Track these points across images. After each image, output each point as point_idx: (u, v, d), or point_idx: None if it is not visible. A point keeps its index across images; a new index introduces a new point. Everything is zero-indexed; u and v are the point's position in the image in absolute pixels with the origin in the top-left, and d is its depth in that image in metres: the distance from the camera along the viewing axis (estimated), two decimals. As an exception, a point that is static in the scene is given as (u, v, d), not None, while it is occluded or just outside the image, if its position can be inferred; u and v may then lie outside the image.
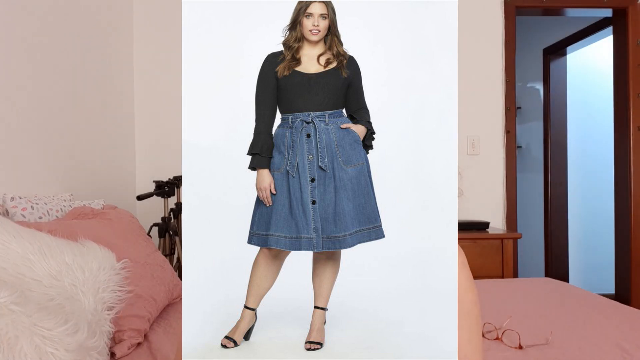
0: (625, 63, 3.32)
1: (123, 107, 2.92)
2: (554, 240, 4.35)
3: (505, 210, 3.26)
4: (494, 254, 2.82)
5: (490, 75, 3.26)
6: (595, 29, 3.84)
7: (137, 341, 1.41)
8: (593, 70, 4.56)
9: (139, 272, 1.58)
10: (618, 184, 3.45)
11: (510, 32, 3.24)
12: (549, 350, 1.38)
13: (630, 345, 1.41)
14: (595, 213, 4.57)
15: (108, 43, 2.73)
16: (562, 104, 4.39)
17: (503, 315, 1.66)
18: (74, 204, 1.96)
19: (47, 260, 1.26)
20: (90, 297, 1.27)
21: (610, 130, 3.67)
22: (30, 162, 1.98)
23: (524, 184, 4.51)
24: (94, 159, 2.52)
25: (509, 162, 3.26)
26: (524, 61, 4.35)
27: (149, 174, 3.00)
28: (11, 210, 1.67)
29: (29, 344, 1.00)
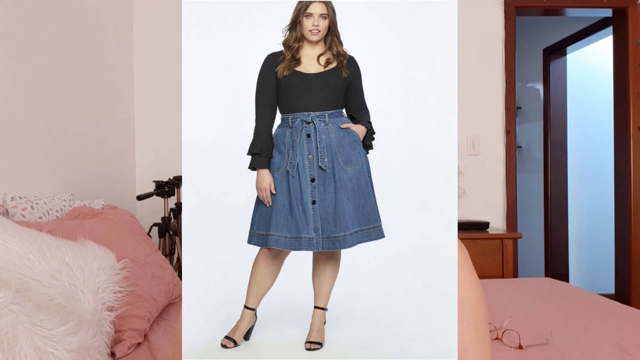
0: (625, 63, 3.32)
1: (123, 107, 2.92)
2: (554, 240, 4.35)
3: (505, 210, 3.26)
4: (494, 254, 2.82)
5: (490, 75, 3.26)
6: (595, 29, 3.84)
7: (137, 341, 1.41)
8: (593, 70, 4.56)
9: (139, 272, 1.58)
10: (618, 184, 3.45)
11: (510, 32, 3.24)
12: (549, 350, 1.38)
13: (630, 345, 1.41)
14: (595, 213, 4.57)
15: (108, 43, 2.73)
16: (562, 104, 4.39)
17: (503, 315, 1.66)
18: (74, 204, 1.96)
19: (47, 260, 1.26)
20: (90, 297, 1.27)
21: (610, 130, 3.67)
22: (30, 162, 1.98)
23: (524, 184, 4.51)
24: (94, 159, 2.52)
25: (509, 162, 3.26)
26: (524, 61, 4.35)
27: (149, 174, 3.00)
28: (11, 210, 1.67)
29: (29, 344, 1.00)
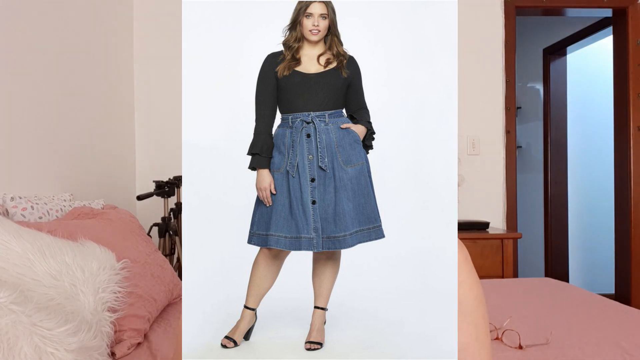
0: (625, 63, 3.32)
1: (123, 107, 2.92)
2: (554, 240, 4.35)
3: (505, 210, 3.26)
4: (494, 254, 2.82)
5: (490, 75, 3.26)
6: (595, 29, 3.84)
7: (137, 341, 1.41)
8: (593, 70, 4.55)
9: (139, 272, 1.58)
10: (618, 184, 3.45)
11: (510, 32, 3.24)
12: (549, 350, 1.38)
13: (630, 345, 1.41)
14: (595, 213, 4.57)
15: (108, 43, 2.73)
16: (562, 104, 4.39)
17: (503, 315, 1.66)
18: (74, 204, 1.96)
19: (47, 260, 1.26)
20: (90, 297, 1.27)
21: (610, 130, 3.67)
22: (30, 162, 1.98)
23: (524, 184, 4.51)
24: (94, 159, 2.52)
25: (509, 162, 3.26)
26: (524, 61, 4.35)
27: (149, 174, 3.00)
28: (11, 210, 1.67)
29: (29, 344, 1.00)
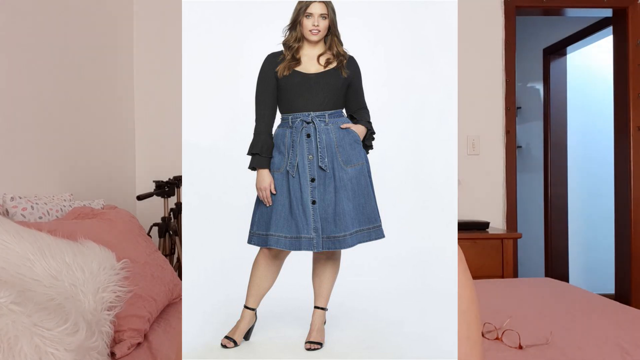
0: (625, 63, 3.32)
1: (123, 107, 2.92)
2: (554, 240, 4.35)
3: (505, 210, 3.26)
4: (494, 254, 2.82)
5: (490, 75, 3.26)
6: (595, 29, 3.84)
7: (137, 341, 1.41)
8: (593, 70, 4.56)
9: (139, 272, 1.58)
10: (618, 184, 3.45)
11: (510, 32, 3.24)
12: (549, 350, 1.38)
13: (630, 345, 1.41)
14: (595, 213, 4.57)
15: (108, 43, 2.73)
16: (562, 104, 4.39)
17: (503, 315, 1.66)
18: (74, 204, 1.96)
19: (47, 260, 1.26)
20: (90, 297, 1.27)
21: (610, 130, 3.67)
22: (30, 162, 1.98)
23: (524, 184, 4.51)
24: (94, 159, 2.52)
25: (509, 162, 3.26)
26: (524, 61, 4.35)
27: (149, 174, 3.00)
28: (11, 210, 1.67)
29: (29, 344, 0.99)
